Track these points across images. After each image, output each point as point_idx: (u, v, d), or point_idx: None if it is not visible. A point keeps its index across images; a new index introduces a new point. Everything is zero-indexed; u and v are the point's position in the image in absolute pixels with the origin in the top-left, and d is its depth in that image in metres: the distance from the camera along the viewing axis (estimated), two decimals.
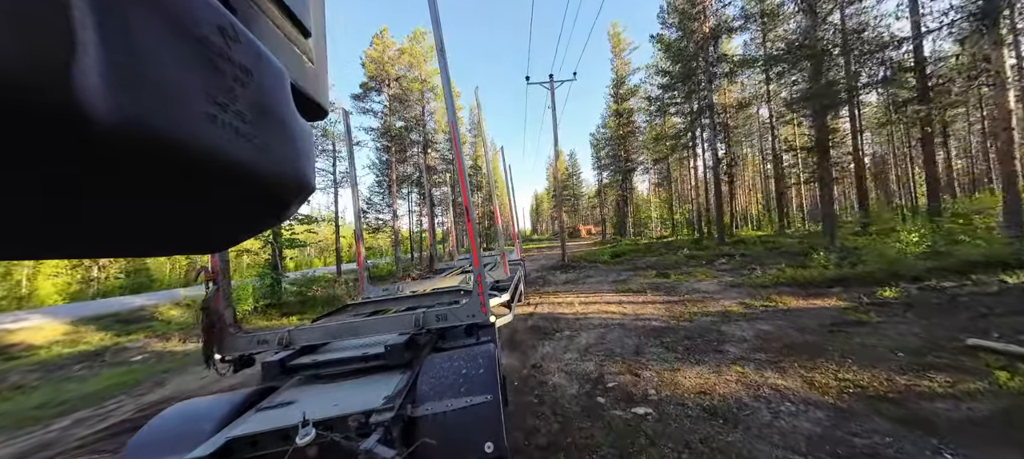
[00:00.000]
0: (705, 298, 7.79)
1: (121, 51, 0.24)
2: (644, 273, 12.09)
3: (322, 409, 1.82)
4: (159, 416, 2.00)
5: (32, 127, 0.21)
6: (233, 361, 2.67)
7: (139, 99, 0.25)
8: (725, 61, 16.58)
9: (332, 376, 2.42)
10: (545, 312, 8.10)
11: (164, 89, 0.27)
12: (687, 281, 9.93)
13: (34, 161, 0.23)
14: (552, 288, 11.28)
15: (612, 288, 10.19)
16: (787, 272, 8.57)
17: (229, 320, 2.75)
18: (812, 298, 6.92)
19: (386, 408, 1.72)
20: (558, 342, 5.88)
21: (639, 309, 7.49)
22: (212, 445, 1.59)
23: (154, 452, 1.75)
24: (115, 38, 0.24)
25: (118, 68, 0.24)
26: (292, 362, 2.46)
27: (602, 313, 7.49)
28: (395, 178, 22.09)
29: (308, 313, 10.98)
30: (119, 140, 0.24)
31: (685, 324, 6.19)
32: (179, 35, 0.29)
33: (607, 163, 37.92)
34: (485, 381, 1.99)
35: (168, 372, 7.12)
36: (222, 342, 2.58)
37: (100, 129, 0.23)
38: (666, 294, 8.59)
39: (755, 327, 5.71)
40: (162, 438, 1.83)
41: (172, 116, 0.28)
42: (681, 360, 4.75)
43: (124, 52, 0.25)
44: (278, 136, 0.40)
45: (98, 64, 0.23)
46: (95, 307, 14.63)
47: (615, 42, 31.98)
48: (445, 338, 2.92)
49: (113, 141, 0.24)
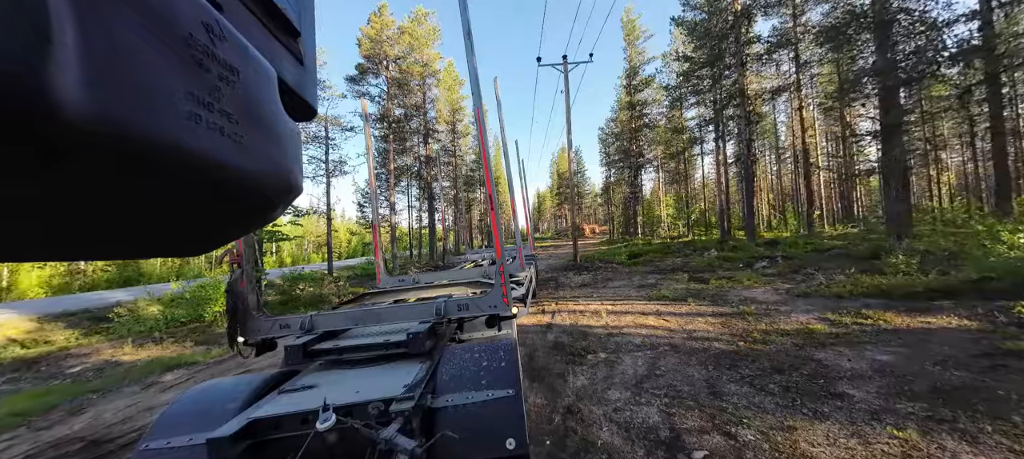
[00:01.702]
0: (769, 311, 6.27)
1: (100, 46, 0.23)
2: (673, 277, 10.57)
3: (343, 395, 1.84)
4: (186, 393, 2.04)
5: (3, 124, 0.19)
6: (255, 344, 2.67)
7: (119, 97, 0.24)
8: (759, 42, 15.00)
9: (353, 362, 2.42)
10: (566, 323, 6.60)
11: (145, 87, 0.26)
12: (733, 287, 8.41)
13: (5, 160, 0.21)
14: (568, 292, 9.79)
15: (642, 294, 8.68)
16: (863, 280, 7.04)
17: (253, 304, 2.67)
18: (917, 314, 5.39)
19: (406, 397, 1.69)
20: (595, 370, 4.39)
21: (688, 323, 5.98)
22: (236, 424, 1.61)
23: (181, 429, 1.76)
24: (94, 32, 0.23)
25: (97, 64, 0.23)
26: (314, 347, 2.47)
27: (641, 327, 5.99)
28: (392, 169, 20.58)
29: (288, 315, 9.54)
30: (97, 139, 0.23)
31: (761, 348, 4.69)
32: (161, 31, 0.27)
33: (616, 159, 36.36)
34: (506, 375, 1.94)
35: (97, 393, 5.66)
36: (246, 325, 2.58)
37: (77, 127, 0.22)
38: (714, 304, 7.07)
39: (866, 356, 4.20)
40: (188, 415, 1.85)
41: (153, 115, 0.26)
42: (786, 409, 3.25)
43: (103, 47, 0.23)
44: (265, 137, 0.39)
45: (75, 59, 0.22)
46: (71, 302, 13.34)
47: (629, 30, 30.33)
48: (462, 329, 2.95)
49: (91, 140, 0.23)
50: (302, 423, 1.62)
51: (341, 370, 2.31)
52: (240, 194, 0.38)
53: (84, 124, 0.22)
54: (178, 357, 6.95)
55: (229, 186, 0.35)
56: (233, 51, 0.34)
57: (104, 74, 0.23)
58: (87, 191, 0.27)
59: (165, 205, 0.33)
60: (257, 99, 0.37)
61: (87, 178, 0.25)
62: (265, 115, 0.39)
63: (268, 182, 0.40)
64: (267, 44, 0.43)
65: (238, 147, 0.34)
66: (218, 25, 0.33)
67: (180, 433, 1.73)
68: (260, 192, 0.40)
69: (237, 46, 0.35)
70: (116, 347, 8.42)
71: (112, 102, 0.24)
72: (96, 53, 0.23)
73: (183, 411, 1.89)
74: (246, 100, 0.36)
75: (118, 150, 0.25)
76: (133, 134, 0.25)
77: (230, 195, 0.37)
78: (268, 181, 0.40)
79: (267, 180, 0.40)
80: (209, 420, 1.73)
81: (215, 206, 0.38)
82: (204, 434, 1.58)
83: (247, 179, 0.37)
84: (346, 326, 2.79)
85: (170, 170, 0.29)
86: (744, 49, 15.00)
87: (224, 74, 0.33)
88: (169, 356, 7.11)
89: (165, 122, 0.27)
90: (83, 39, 0.22)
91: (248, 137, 0.36)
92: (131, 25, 0.25)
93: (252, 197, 0.40)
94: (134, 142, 0.25)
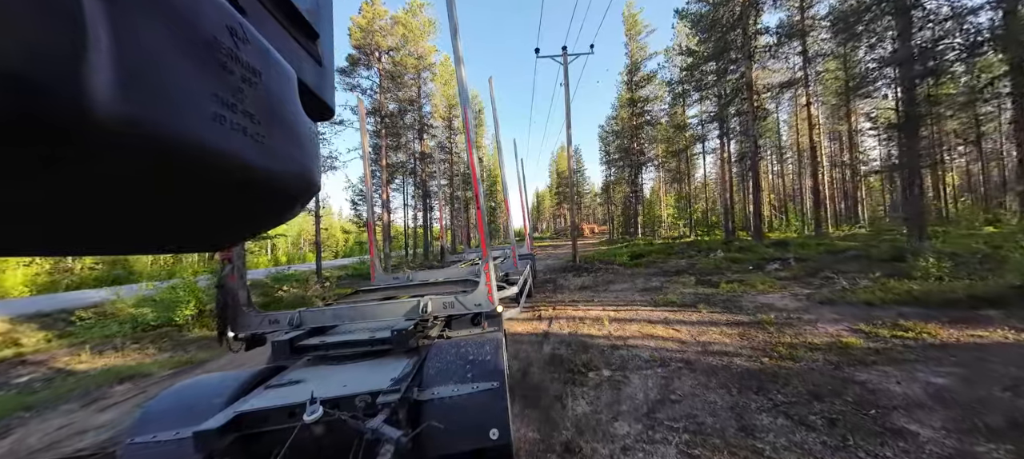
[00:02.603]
0: (791, 320, 5.63)
1: (131, 50, 0.24)
2: (679, 279, 9.92)
3: (330, 389, 1.86)
4: (169, 390, 2.03)
5: (42, 125, 0.21)
6: (245, 339, 2.65)
7: (148, 98, 0.25)
8: (767, 33, 14.35)
9: (340, 358, 2.40)
10: (565, 331, 5.95)
11: (173, 89, 0.27)
12: (746, 292, 7.77)
13: (44, 159, 0.22)
14: (567, 296, 9.14)
15: (646, 299, 8.04)
16: (892, 285, 6.41)
17: (243, 299, 2.66)
18: (964, 326, 4.76)
19: (392, 390, 1.74)
20: (598, 393, 3.74)
21: (701, 334, 5.34)
22: (222, 418, 1.61)
23: (165, 423, 1.75)
24: (126, 37, 0.24)
25: (128, 67, 0.24)
26: (301, 342, 2.46)
27: (648, 338, 5.34)
28: (385, 165, 19.82)
29: None
30: (128, 138, 0.24)
31: (790, 366, 4.04)
32: (189, 35, 0.29)
33: (616, 158, 35.71)
34: (491, 368, 2.00)
35: (31, 411, 4.98)
36: (236, 320, 2.58)
37: (109, 127, 0.23)
38: (727, 311, 6.43)
39: (918, 379, 3.56)
40: (173, 410, 1.84)
41: (181, 116, 0.27)
42: (838, 452, 2.61)
43: (134, 51, 0.25)
44: (286, 137, 0.39)
45: (109, 62, 0.23)
46: (46, 302, 12.61)
47: (630, 24, 29.63)
48: (451, 326, 3.03)
49: (122, 139, 0.24)
50: (289, 416, 1.64)
51: (328, 366, 2.30)
52: (262, 192, 0.38)
53: (116, 124, 0.23)
54: (135, 366, 6.28)
55: (252, 184, 0.36)
56: (255, 54, 0.35)
57: (135, 77, 0.24)
58: (118, 188, 0.27)
59: (190, 202, 0.34)
60: (278, 100, 0.38)
61: (119, 176, 0.26)
62: (286, 115, 0.39)
63: (289, 180, 0.41)
64: (287, 46, 0.43)
65: (260, 147, 0.35)
66: (241, 29, 0.33)
67: (165, 428, 1.72)
68: (281, 190, 0.41)
69: (259, 49, 0.36)
70: (74, 354, 7.73)
71: (142, 103, 0.25)
72: (128, 57, 0.24)
73: (167, 406, 1.88)
74: (268, 101, 0.36)
75: (148, 149, 0.26)
76: (162, 134, 0.26)
77: (253, 193, 0.37)
78: (289, 179, 0.40)
79: (288, 178, 0.40)
80: (194, 414, 1.72)
81: (238, 203, 0.38)
82: (190, 428, 1.57)
83: (269, 177, 0.37)
84: (334, 322, 2.79)
85: (196, 169, 0.30)
86: (752, 41, 14.36)
87: (247, 76, 0.34)
88: (126, 365, 6.44)
89: (191, 123, 0.28)
90: (116, 43, 0.23)
91: (269, 137, 0.36)
92: (160, 30, 0.26)
93: (273, 195, 0.40)
94: (163, 142, 0.26)
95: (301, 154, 0.42)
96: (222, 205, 0.37)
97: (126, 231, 0.35)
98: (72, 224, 0.30)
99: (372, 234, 6.22)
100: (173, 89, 0.27)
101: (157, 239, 0.41)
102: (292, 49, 0.44)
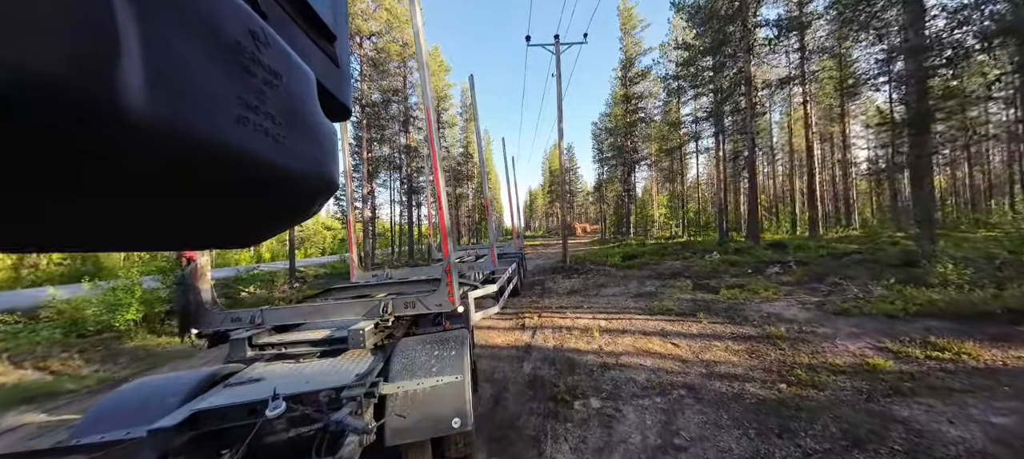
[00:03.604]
0: (804, 334, 4.98)
1: (162, 54, 0.26)
2: (675, 283, 9.28)
3: (292, 385, 1.86)
4: (118, 390, 2.00)
5: (78, 124, 0.22)
6: (208, 336, 2.65)
7: (177, 100, 0.27)
8: (767, 26, 13.77)
9: (301, 356, 2.42)
10: (549, 345, 5.23)
11: (200, 91, 0.28)
12: (748, 299, 7.14)
13: (78, 157, 0.24)
14: (554, 301, 8.43)
15: (640, 306, 7.35)
16: (911, 294, 5.81)
17: (206, 296, 2.63)
18: (1007, 345, 4.15)
19: (357, 384, 1.77)
20: (584, 431, 3.02)
21: (704, 351, 4.66)
22: (178, 416, 1.59)
23: (114, 422, 1.70)
24: (156, 41, 0.25)
25: (158, 70, 0.25)
26: (260, 340, 2.48)
27: (644, 354, 4.64)
28: (367, 158, 18.83)
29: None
30: (158, 139, 0.25)
31: (813, 395, 3.38)
32: (214, 40, 0.30)
33: (609, 156, 35.13)
34: (455, 362, 2.11)
35: None
36: (198, 317, 2.56)
37: (141, 128, 0.24)
38: (731, 322, 5.77)
39: (973, 416, 2.91)
40: (123, 408, 1.79)
41: (207, 117, 0.29)
42: None
43: (164, 55, 0.26)
44: (306, 137, 0.40)
45: (140, 66, 0.24)
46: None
47: (625, 18, 28.97)
48: (419, 323, 3.12)
49: (152, 140, 0.25)
50: (250, 413, 1.63)
51: (290, 364, 2.32)
52: (283, 190, 0.39)
53: (146, 125, 0.24)
54: (46, 384, 5.37)
55: (273, 183, 0.37)
56: (276, 56, 0.36)
57: (164, 79, 0.25)
58: (146, 186, 0.28)
59: (213, 200, 0.35)
60: (298, 101, 0.39)
61: (146, 175, 0.27)
62: (305, 116, 0.40)
63: (308, 180, 0.41)
64: (306, 48, 0.44)
65: (281, 147, 0.36)
66: (263, 32, 0.34)
67: (114, 427, 1.67)
68: (301, 189, 0.41)
69: (280, 52, 0.37)
70: None
71: (170, 105, 0.26)
72: (157, 60, 0.25)
73: (117, 406, 1.84)
74: (288, 103, 0.37)
75: (175, 149, 0.27)
76: (189, 134, 0.27)
77: (274, 191, 0.38)
78: (308, 179, 0.41)
79: (307, 178, 0.41)
80: (147, 413, 1.68)
81: (260, 202, 0.39)
82: (143, 427, 1.53)
83: (289, 177, 0.38)
84: (295, 321, 2.79)
85: (220, 168, 0.31)
86: (752, 34, 13.80)
87: (268, 78, 0.34)
88: (37, 382, 5.52)
89: (217, 124, 0.29)
90: (146, 48, 0.24)
91: (290, 137, 0.37)
92: (186, 35, 0.27)
93: (293, 193, 0.41)
94: (189, 141, 0.27)
95: (320, 154, 0.43)
96: (244, 203, 0.38)
97: (150, 228, 0.35)
98: (100, 221, 0.31)
99: (351, 231, 5.79)
100: (199, 91, 0.28)
101: (180, 237, 0.42)
102: (311, 51, 0.45)
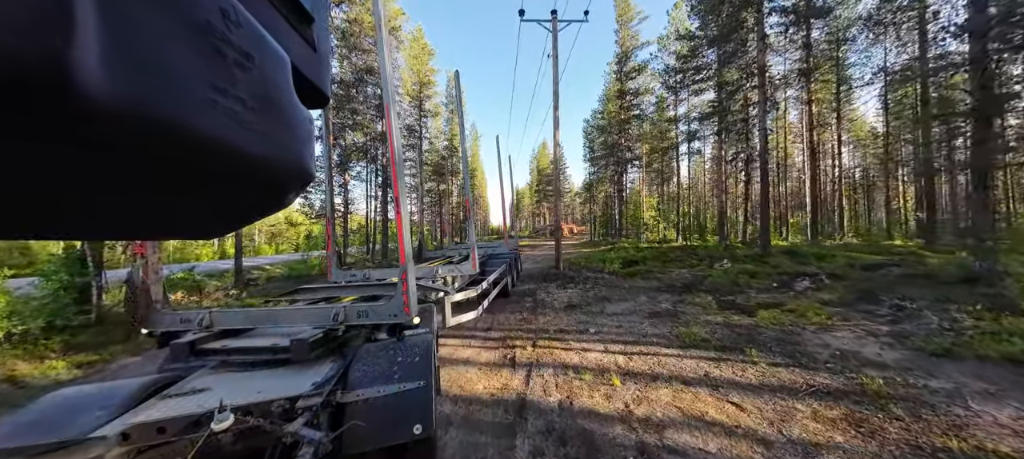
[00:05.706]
0: (914, 391, 3.52)
1: (121, 30, 0.24)
2: (694, 300, 7.82)
3: (242, 396, 1.76)
4: (42, 399, 1.80)
5: (28, 105, 0.20)
6: (158, 337, 2.56)
7: (139, 81, 0.25)
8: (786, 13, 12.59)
9: (250, 364, 2.27)
10: (552, 399, 3.61)
11: (164, 72, 0.26)
12: (798, 326, 5.70)
13: (29, 140, 0.22)
14: (551, 319, 6.83)
15: (662, 332, 5.82)
16: (1010, 324, 4.47)
17: (156, 295, 2.55)
18: None
19: (314, 393, 1.72)
20: None
21: (783, 420, 3.12)
22: (108, 430, 1.49)
23: (34, 437, 1.50)
24: (116, 17, 0.23)
25: (118, 48, 0.23)
26: (204, 346, 2.33)
27: (696, 423, 3.07)
28: (333, 143, 16.81)
29: (117, 346, 6.00)
30: (117, 122, 0.24)
31: None
32: (180, 17, 0.28)
33: (600, 155, 33.86)
34: (418, 369, 2.05)
35: None
36: (147, 317, 2.49)
37: (98, 110, 0.22)
38: (796, 365, 4.29)
39: None
40: (44, 422, 1.60)
41: (171, 99, 0.27)
42: None
43: (124, 31, 0.24)
44: (279, 123, 0.38)
45: (97, 43, 0.22)
46: None
47: (622, 10, 27.62)
48: (380, 328, 2.88)
49: (111, 123, 0.23)
50: (194, 426, 1.55)
51: (239, 372, 2.16)
52: (254, 179, 0.38)
53: (104, 104, 0.23)
54: None
55: (243, 172, 0.35)
56: (248, 38, 0.34)
57: (124, 56, 0.24)
58: (103, 170, 0.27)
59: (179, 188, 0.33)
60: (272, 86, 0.37)
61: (103, 157, 0.26)
62: (279, 101, 0.38)
63: (282, 168, 0.40)
64: (282, 30, 0.42)
65: (252, 134, 0.34)
66: (234, 11, 0.33)
67: (30, 442, 1.51)
68: (274, 178, 0.40)
69: (252, 33, 0.35)
70: None
71: (131, 83, 0.24)
72: (117, 35, 0.23)
73: (34, 420, 1.63)
74: (261, 86, 0.35)
75: (135, 130, 0.25)
76: (150, 115, 0.25)
77: (244, 180, 0.37)
78: (281, 167, 0.40)
79: (280, 166, 0.39)
80: (72, 428, 1.53)
81: (230, 191, 0.38)
82: (60, 439, 1.44)
83: (261, 165, 0.36)
84: (247, 326, 2.64)
85: (185, 154, 0.29)
86: (766, 19, 12.61)
87: (239, 60, 0.33)
88: None
89: (181, 106, 0.28)
90: (105, 21, 0.22)
91: (262, 123, 0.35)
92: (151, 9, 0.26)
93: (266, 182, 0.40)
94: (151, 123, 0.26)
95: (294, 141, 0.40)
96: (212, 192, 0.36)
97: (103, 214, 0.33)
98: (53, 206, 0.29)
99: (331, 228, 5.47)
100: (163, 70, 0.26)
101: (137, 225, 0.40)
102: (286, 33, 0.43)
